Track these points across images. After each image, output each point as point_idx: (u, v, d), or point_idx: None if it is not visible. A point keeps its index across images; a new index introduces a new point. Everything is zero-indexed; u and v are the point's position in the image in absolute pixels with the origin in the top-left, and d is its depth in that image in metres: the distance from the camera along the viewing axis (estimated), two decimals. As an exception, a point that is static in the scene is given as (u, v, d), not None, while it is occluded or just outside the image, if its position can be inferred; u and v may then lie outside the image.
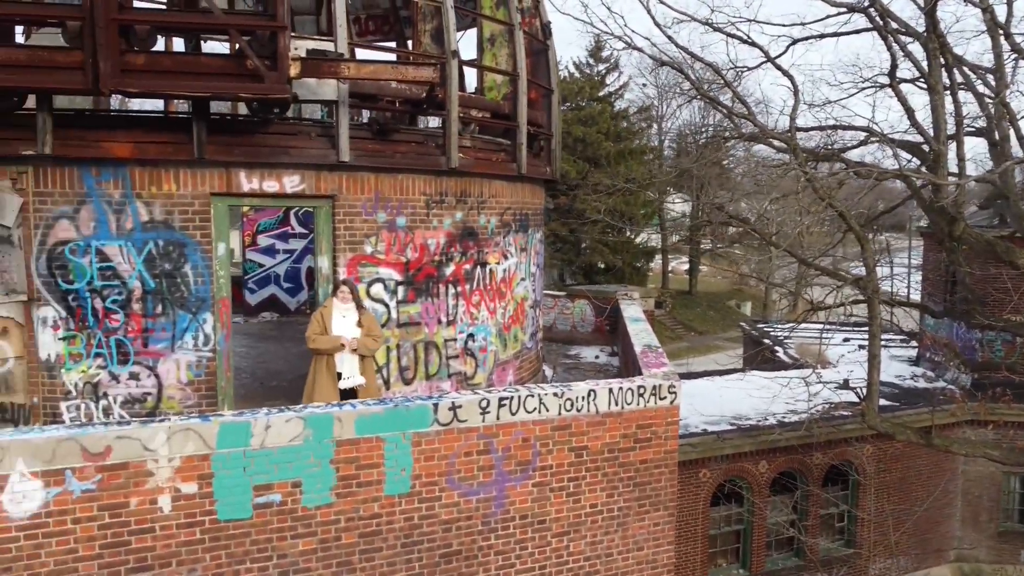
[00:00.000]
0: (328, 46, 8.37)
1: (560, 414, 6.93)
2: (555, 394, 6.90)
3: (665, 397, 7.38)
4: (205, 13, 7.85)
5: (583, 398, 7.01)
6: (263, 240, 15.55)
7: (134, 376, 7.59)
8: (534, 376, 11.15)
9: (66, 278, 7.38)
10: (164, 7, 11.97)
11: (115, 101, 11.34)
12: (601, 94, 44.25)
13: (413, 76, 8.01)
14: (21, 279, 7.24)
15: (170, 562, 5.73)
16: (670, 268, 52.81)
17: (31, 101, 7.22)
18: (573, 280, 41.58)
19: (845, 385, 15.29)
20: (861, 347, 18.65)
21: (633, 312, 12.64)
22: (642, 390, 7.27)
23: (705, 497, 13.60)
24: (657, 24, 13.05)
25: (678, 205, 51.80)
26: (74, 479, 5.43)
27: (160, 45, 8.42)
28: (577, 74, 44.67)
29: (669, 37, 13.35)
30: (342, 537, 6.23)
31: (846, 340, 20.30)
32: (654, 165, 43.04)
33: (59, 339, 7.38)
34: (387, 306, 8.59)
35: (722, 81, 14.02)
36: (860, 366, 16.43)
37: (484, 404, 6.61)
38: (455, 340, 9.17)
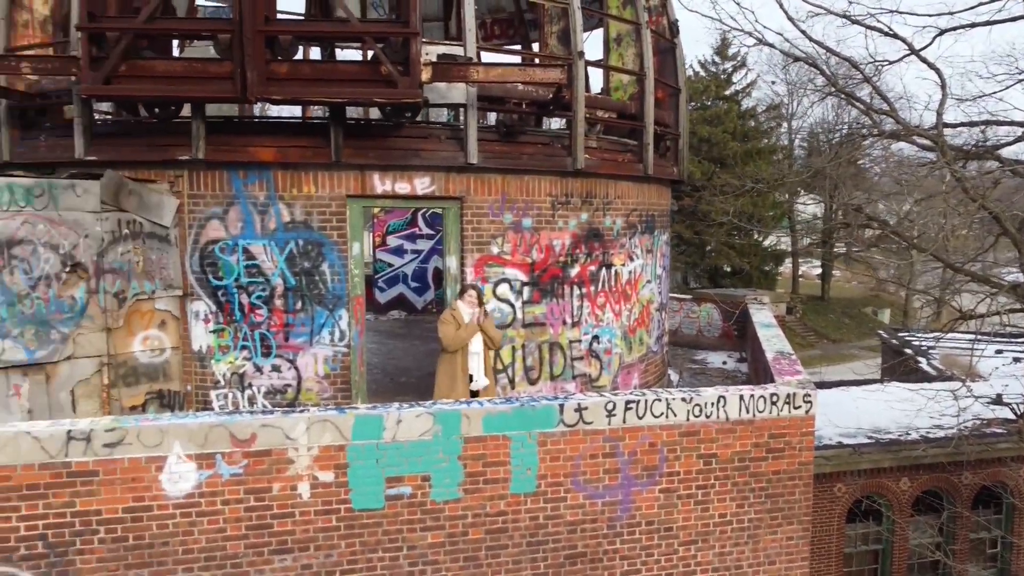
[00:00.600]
0: (457, 51, 8.54)
1: (688, 420, 6.74)
2: (683, 399, 6.72)
3: (800, 406, 7.05)
4: (342, 22, 8.17)
5: (712, 404, 6.79)
6: (392, 241, 16.10)
7: (276, 368, 8.01)
8: (659, 380, 10.94)
9: (216, 275, 7.88)
10: (303, 18, 12.59)
11: (256, 107, 12.04)
12: (727, 93, 43.07)
13: (540, 78, 8.04)
14: (177, 275, 7.79)
15: (308, 547, 5.99)
16: (800, 272, 50.60)
17: (185, 109, 7.77)
18: (697, 283, 40.66)
19: (999, 400, 14.09)
20: (1017, 360, 17.19)
21: (763, 317, 12.17)
22: (775, 398, 6.97)
23: (840, 513, 12.91)
24: (790, 18, 12.54)
25: (810, 207, 49.56)
26: (223, 463, 5.77)
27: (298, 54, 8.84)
28: (702, 73, 43.65)
29: (803, 31, 12.79)
30: (469, 532, 6.31)
31: (999, 352, 18.72)
32: (784, 165, 41.36)
33: (210, 332, 7.90)
34: (513, 306, 8.66)
35: (860, 76, 13.26)
36: (1016, 380, 15.11)
37: (610, 407, 6.53)
38: (580, 341, 9.13)
